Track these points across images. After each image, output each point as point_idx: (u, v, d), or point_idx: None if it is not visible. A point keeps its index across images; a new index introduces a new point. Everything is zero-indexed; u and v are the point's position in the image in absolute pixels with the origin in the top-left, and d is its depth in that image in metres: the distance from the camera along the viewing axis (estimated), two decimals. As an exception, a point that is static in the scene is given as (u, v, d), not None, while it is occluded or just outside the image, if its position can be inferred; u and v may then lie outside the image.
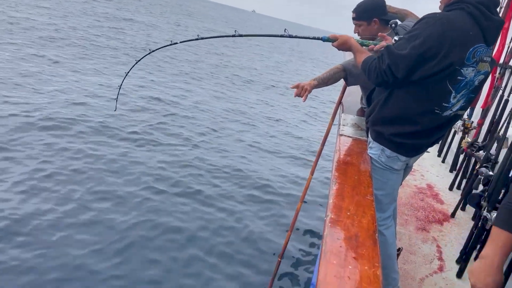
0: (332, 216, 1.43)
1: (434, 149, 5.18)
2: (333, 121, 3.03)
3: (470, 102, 2.07)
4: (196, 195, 5.01)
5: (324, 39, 2.34)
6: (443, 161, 4.79)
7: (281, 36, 2.40)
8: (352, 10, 2.70)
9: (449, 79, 1.86)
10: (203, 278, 3.60)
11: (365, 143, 2.35)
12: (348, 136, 2.45)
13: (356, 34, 2.76)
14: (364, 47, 2.29)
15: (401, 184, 2.36)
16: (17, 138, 5.46)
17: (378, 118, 2.11)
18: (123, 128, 6.69)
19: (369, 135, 2.25)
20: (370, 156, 2.20)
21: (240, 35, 2.47)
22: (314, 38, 2.40)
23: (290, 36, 2.39)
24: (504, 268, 1.88)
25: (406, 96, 1.98)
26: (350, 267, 1.13)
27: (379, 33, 2.35)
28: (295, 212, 3.09)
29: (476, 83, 1.95)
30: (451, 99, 1.93)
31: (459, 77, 1.86)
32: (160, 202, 4.67)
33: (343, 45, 2.30)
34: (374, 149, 2.18)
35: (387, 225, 2.23)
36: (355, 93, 3.28)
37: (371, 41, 2.37)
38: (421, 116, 1.99)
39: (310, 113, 11.71)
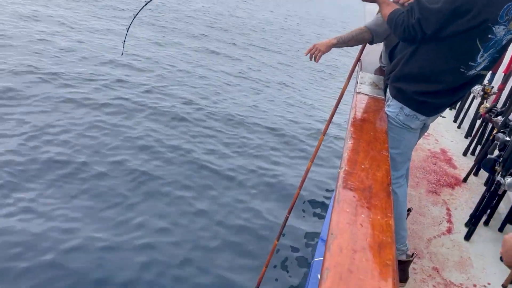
0: (346, 169, 1.43)
1: (450, 114, 5.09)
2: (349, 80, 2.97)
3: (495, 62, 2.01)
4: (199, 160, 4.96)
5: None
6: (458, 127, 4.72)
7: None
8: None
9: (479, 37, 1.81)
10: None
11: (382, 101, 2.31)
12: (366, 94, 2.41)
13: None
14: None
15: (415, 144, 2.34)
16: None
17: (401, 75, 2.07)
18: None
19: (388, 93, 2.21)
20: (388, 114, 2.17)
21: None
22: None
23: None
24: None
25: (432, 53, 1.93)
26: (363, 215, 1.14)
27: None
28: (304, 173, 3.06)
29: (504, 42, 1.89)
30: (478, 58, 1.89)
31: (490, 36, 1.81)
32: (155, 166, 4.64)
33: None
34: (393, 107, 2.14)
35: (399, 184, 2.24)
36: (374, 51, 3.19)
37: None
38: (446, 74, 1.95)
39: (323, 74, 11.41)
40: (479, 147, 3.91)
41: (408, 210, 2.68)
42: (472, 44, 1.84)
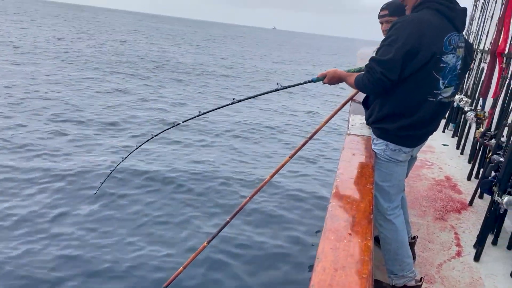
0: (334, 203, 1.65)
1: (453, 142, 5.27)
2: (336, 113, 3.19)
3: (458, 88, 2.28)
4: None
5: (314, 80, 2.60)
6: (461, 153, 4.88)
7: (276, 90, 2.68)
8: (383, 7, 2.83)
9: (434, 68, 2.08)
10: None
11: (370, 140, 2.54)
12: (355, 135, 2.65)
13: (384, 31, 2.90)
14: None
15: (406, 176, 2.53)
16: None
17: (380, 117, 2.31)
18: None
19: (373, 133, 2.45)
20: (376, 152, 2.39)
21: (239, 101, 2.75)
22: (305, 82, 2.70)
23: (284, 88, 2.67)
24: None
25: (401, 92, 2.18)
26: (345, 241, 1.35)
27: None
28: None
29: (459, 68, 2.16)
30: (441, 85, 2.14)
31: (442, 65, 2.08)
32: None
33: (333, 78, 2.53)
34: (379, 145, 2.37)
35: (396, 214, 2.41)
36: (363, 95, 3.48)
37: (355, 68, 2.59)
38: (418, 106, 2.19)
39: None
40: (482, 171, 4.05)
41: (414, 238, 2.82)
42: (430, 76, 2.11)
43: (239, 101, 2.77)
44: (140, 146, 3.43)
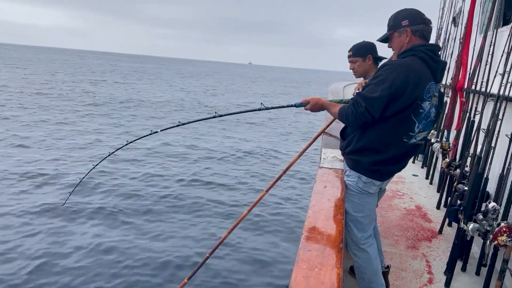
0: (306, 234, 1.73)
1: (422, 172, 5.47)
2: (310, 145, 3.30)
3: (429, 133, 2.45)
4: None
5: (297, 105, 2.66)
6: (430, 183, 5.07)
7: (259, 109, 2.76)
8: (349, 49, 3.09)
9: (413, 112, 2.24)
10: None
11: (341, 172, 2.66)
12: (327, 168, 2.77)
13: (352, 70, 3.12)
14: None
15: (376, 206, 2.65)
16: None
17: (356, 149, 2.43)
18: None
19: (346, 165, 2.57)
20: (348, 183, 2.50)
21: (220, 115, 2.82)
22: (287, 106, 2.76)
23: (267, 108, 2.75)
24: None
25: (379, 129, 2.32)
26: (316, 269, 1.42)
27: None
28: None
29: (432, 115, 2.32)
30: (415, 129, 2.29)
31: (420, 110, 2.24)
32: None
33: (316, 105, 2.64)
34: (352, 177, 2.48)
35: (369, 243, 2.51)
36: (335, 128, 3.63)
37: (337, 99, 2.75)
38: (392, 145, 2.33)
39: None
40: (449, 199, 4.22)
41: (387, 267, 2.90)
42: (409, 118, 2.26)
43: (221, 115, 2.83)
44: (113, 153, 3.40)
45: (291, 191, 8.41)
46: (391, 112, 2.22)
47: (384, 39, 2.47)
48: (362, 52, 3.02)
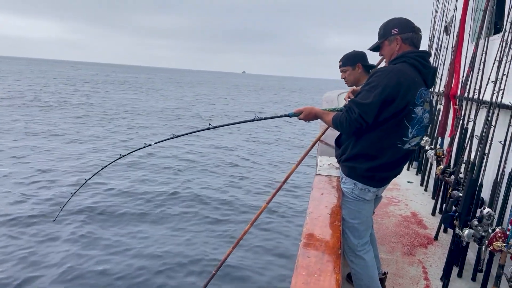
0: (305, 241, 1.74)
1: (417, 179, 5.51)
2: (306, 154, 3.32)
3: (422, 138, 2.48)
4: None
5: (290, 115, 2.67)
6: (425, 190, 5.10)
7: (253, 120, 2.75)
8: (339, 60, 3.15)
9: (406, 117, 2.27)
10: None
11: (338, 179, 2.68)
12: (324, 175, 2.79)
13: (343, 79, 3.16)
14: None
15: (373, 213, 2.67)
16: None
17: (351, 156, 2.45)
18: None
19: (342, 172, 2.59)
20: (344, 190, 2.51)
21: (215, 127, 2.80)
22: (281, 116, 2.77)
23: (261, 119, 2.75)
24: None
25: (374, 135, 2.35)
26: (315, 275, 1.44)
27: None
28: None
29: (425, 121, 2.35)
30: (409, 134, 2.32)
31: (413, 115, 2.27)
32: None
33: (309, 115, 2.65)
34: (347, 184, 2.50)
35: (365, 250, 2.52)
36: (330, 136, 3.66)
37: (330, 108, 2.78)
38: (387, 150, 2.36)
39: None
40: (444, 206, 4.25)
41: (384, 273, 2.91)
42: (402, 123, 2.29)
43: (215, 127, 2.84)
44: (106, 166, 3.38)
45: (287, 199, 8.42)
46: (384, 117, 2.24)
47: (375, 48, 2.51)
48: (351, 61, 3.07)
